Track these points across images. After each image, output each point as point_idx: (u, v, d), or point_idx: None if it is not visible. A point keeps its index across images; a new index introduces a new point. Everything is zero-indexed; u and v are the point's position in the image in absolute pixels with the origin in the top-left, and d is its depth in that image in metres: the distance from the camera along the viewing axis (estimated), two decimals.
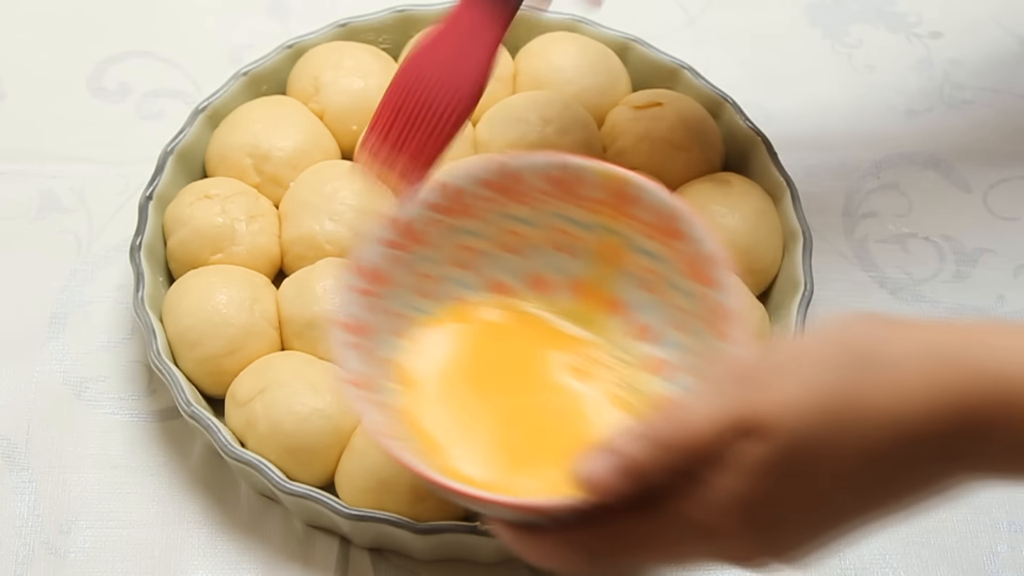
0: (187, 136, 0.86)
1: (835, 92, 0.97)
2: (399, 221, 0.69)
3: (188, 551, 0.77)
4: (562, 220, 0.72)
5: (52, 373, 0.83)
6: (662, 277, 0.70)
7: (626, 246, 0.71)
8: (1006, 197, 0.92)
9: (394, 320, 0.69)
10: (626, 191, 0.70)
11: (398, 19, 0.93)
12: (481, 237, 0.72)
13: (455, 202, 0.71)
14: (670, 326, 0.70)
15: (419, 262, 0.70)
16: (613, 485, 0.57)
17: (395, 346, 0.69)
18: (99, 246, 0.88)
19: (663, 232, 0.69)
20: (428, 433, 0.68)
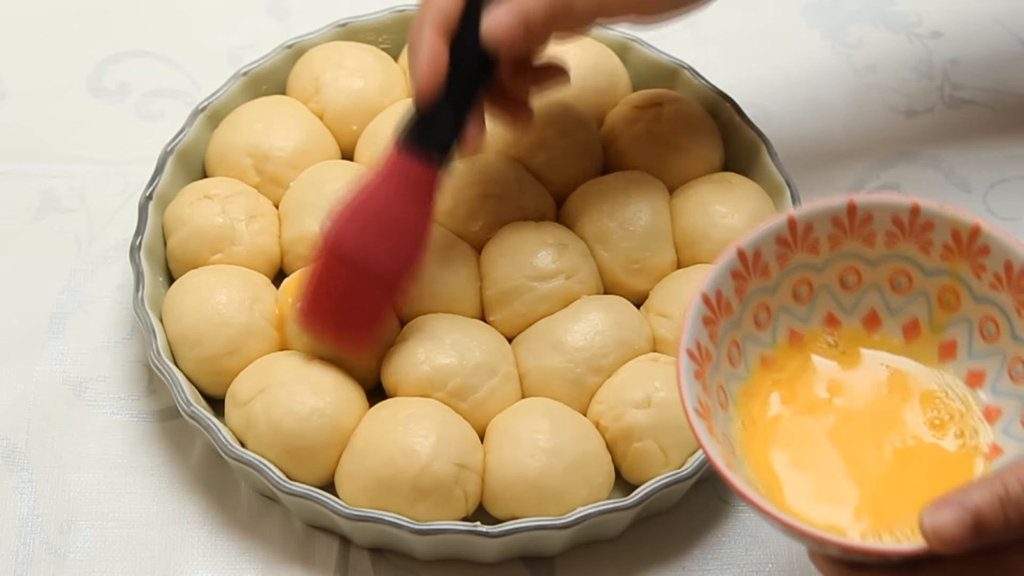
0: (187, 136, 0.86)
1: (835, 92, 0.97)
2: (746, 251, 0.68)
3: (188, 551, 0.77)
4: (904, 261, 0.70)
5: (52, 373, 0.83)
6: (1003, 328, 0.69)
7: (968, 294, 0.70)
8: (1006, 197, 0.92)
9: (730, 348, 0.69)
10: (976, 240, 0.68)
11: (398, 19, 0.93)
12: (820, 272, 0.71)
13: (804, 238, 0.69)
14: (1007, 375, 0.68)
15: (758, 292, 0.69)
16: (960, 539, 0.56)
17: (730, 374, 0.68)
18: (99, 246, 0.88)
19: (1012, 285, 0.68)
20: (766, 465, 0.67)
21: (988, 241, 0.68)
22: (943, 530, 0.56)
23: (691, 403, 0.64)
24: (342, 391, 0.77)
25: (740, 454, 0.66)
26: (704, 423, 0.64)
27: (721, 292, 0.67)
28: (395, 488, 0.74)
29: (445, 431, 0.75)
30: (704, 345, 0.66)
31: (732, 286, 0.68)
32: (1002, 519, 0.56)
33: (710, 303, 0.67)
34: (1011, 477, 0.57)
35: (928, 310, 0.71)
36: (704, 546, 0.78)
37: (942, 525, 0.57)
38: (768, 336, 0.70)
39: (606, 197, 0.84)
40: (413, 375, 0.78)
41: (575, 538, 0.75)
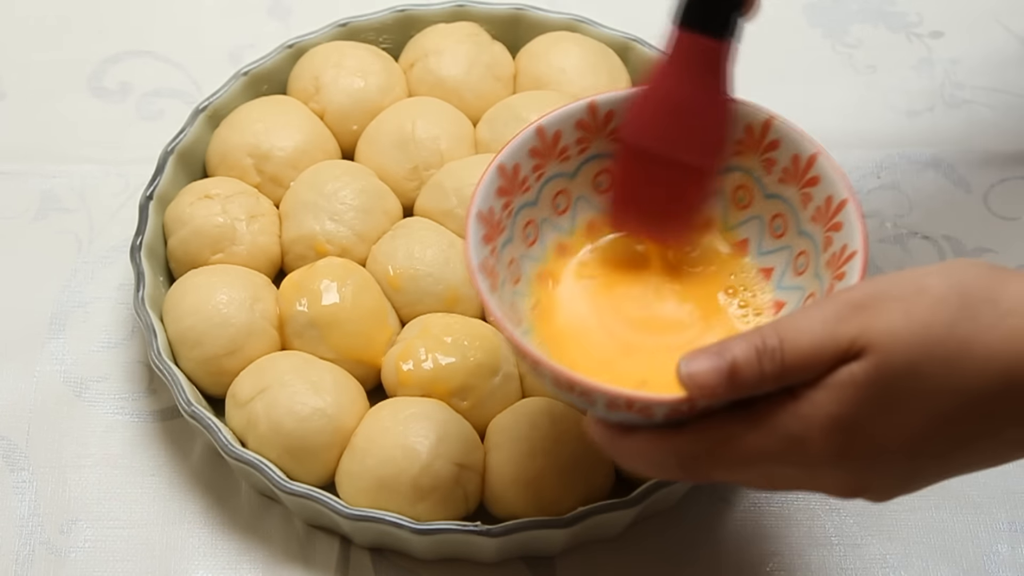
0: (187, 136, 0.86)
1: (835, 92, 0.97)
2: (506, 168, 0.68)
3: (188, 551, 0.77)
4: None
5: (52, 373, 0.83)
6: (791, 223, 0.70)
7: (759, 190, 0.71)
8: (1006, 197, 0.92)
9: (526, 228, 0.69)
10: (767, 133, 0.69)
11: (398, 19, 0.93)
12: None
13: (604, 125, 0.69)
14: (791, 271, 0.70)
15: (556, 177, 0.69)
16: (714, 385, 0.57)
17: (524, 253, 0.69)
18: (99, 246, 0.88)
19: (797, 177, 0.69)
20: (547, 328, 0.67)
21: (778, 135, 0.69)
22: (699, 376, 0.57)
23: (476, 260, 0.64)
24: (342, 391, 0.77)
25: (527, 326, 0.67)
26: (488, 281, 0.64)
27: (519, 166, 0.68)
28: (395, 488, 0.74)
29: (445, 431, 0.75)
30: (497, 215, 0.67)
31: (530, 164, 0.68)
32: (757, 368, 0.57)
33: (505, 173, 0.67)
34: (769, 330, 0.58)
35: (723, 208, 0.71)
36: (704, 546, 0.78)
37: (698, 371, 0.57)
38: (567, 222, 0.70)
39: None
40: (413, 375, 0.78)
41: (575, 537, 0.75)
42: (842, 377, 0.56)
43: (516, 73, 0.92)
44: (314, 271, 0.81)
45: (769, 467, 0.58)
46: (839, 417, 0.56)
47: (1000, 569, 0.77)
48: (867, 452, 0.57)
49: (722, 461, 0.59)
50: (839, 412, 0.56)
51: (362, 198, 0.84)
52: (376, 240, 0.83)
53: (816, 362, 0.57)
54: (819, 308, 0.58)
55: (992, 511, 0.79)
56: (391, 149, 0.86)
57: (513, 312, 0.67)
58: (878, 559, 0.77)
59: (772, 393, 0.58)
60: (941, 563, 0.77)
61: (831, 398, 0.56)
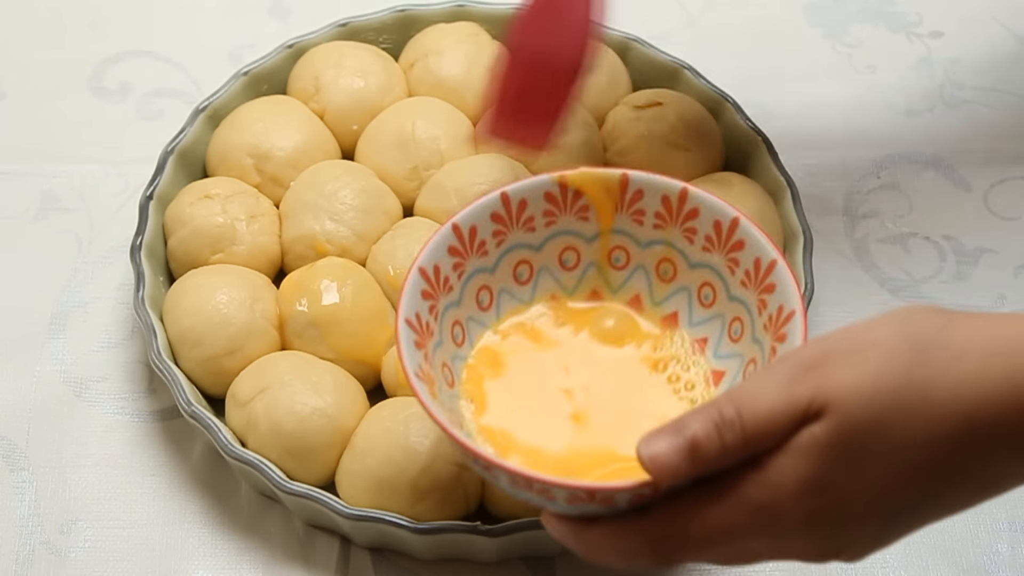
0: (187, 136, 0.86)
1: (835, 92, 0.97)
2: (427, 270, 0.68)
3: (188, 551, 0.77)
4: (618, 236, 0.71)
5: (52, 373, 0.83)
6: (720, 291, 0.70)
7: (683, 262, 0.71)
8: (1006, 197, 0.92)
9: (453, 328, 0.69)
10: (685, 203, 0.69)
11: (398, 19, 0.93)
12: (539, 251, 0.71)
13: (518, 214, 0.70)
14: (727, 339, 0.69)
15: (477, 273, 0.70)
16: (676, 465, 0.56)
17: (455, 354, 0.69)
18: (99, 246, 0.88)
19: (722, 244, 0.69)
20: (490, 429, 0.67)
21: (697, 203, 0.69)
22: (660, 457, 0.56)
23: (412, 368, 0.64)
24: (342, 391, 0.77)
25: (469, 430, 0.67)
26: (426, 387, 0.64)
27: (439, 267, 0.68)
28: (395, 488, 0.74)
29: None
30: (424, 319, 0.67)
31: (450, 262, 0.68)
32: (718, 443, 0.56)
33: (427, 277, 0.67)
34: (725, 401, 0.57)
35: (648, 283, 0.71)
36: None
37: (659, 452, 0.56)
38: (491, 318, 0.70)
39: None
40: None
41: None
42: (804, 440, 0.55)
43: None
44: (314, 271, 0.81)
45: (741, 541, 0.57)
46: (806, 480, 0.55)
47: (1000, 569, 0.77)
48: (838, 513, 0.56)
49: (692, 541, 0.58)
50: (806, 475, 0.55)
51: (362, 198, 0.84)
52: (376, 240, 0.83)
53: (776, 428, 0.56)
54: (771, 373, 0.57)
55: (992, 511, 0.79)
56: (391, 149, 0.86)
57: (453, 415, 0.66)
58: (878, 559, 0.77)
59: (735, 467, 0.57)
60: (941, 563, 0.77)
61: (796, 463, 0.55)
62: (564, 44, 0.73)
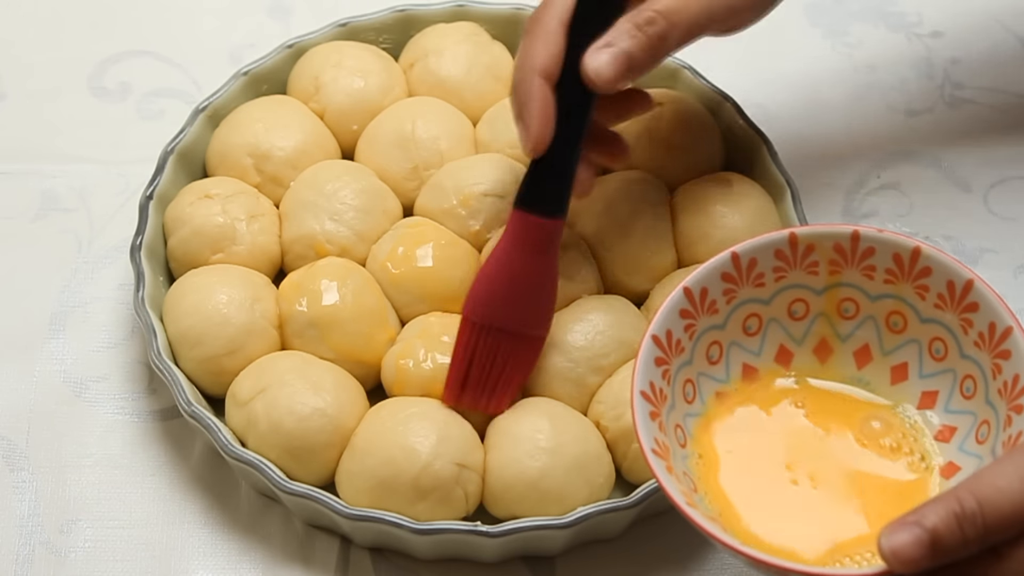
0: (187, 136, 0.86)
1: (835, 92, 0.97)
2: (692, 289, 0.68)
3: (188, 551, 0.77)
4: (850, 288, 0.71)
5: (52, 373, 0.83)
6: (952, 347, 0.69)
7: (914, 315, 0.70)
8: (1006, 197, 0.92)
9: (684, 387, 0.69)
10: (916, 262, 0.69)
11: (398, 19, 0.93)
12: (768, 304, 0.71)
13: (748, 271, 0.70)
14: (959, 394, 0.69)
15: (709, 330, 0.70)
16: (918, 558, 0.57)
17: (686, 412, 0.69)
18: (99, 246, 0.88)
19: (955, 304, 0.68)
20: (723, 497, 0.67)
21: (929, 263, 0.69)
22: (902, 551, 0.57)
23: (648, 444, 0.64)
24: (342, 391, 0.77)
25: (701, 490, 0.67)
26: (663, 463, 0.64)
27: (671, 332, 0.68)
28: (395, 488, 0.74)
29: (445, 431, 0.75)
30: (658, 385, 0.67)
31: (681, 324, 0.69)
32: (959, 535, 0.57)
33: (660, 343, 0.68)
34: (965, 493, 0.57)
35: (877, 334, 0.71)
36: (704, 546, 0.78)
37: (900, 546, 0.57)
38: (722, 372, 0.71)
39: (606, 197, 0.84)
40: (413, 375, 0.78)
41: (575, 538, 0.75)
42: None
43: None
44: (314, 271, 0.81)
45: None
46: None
47: None
48: None
49: None
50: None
51: (362, 198, 0.84)
52: (376, 240, 0.83)
53: (1018, 521, 0.56)
54: (1012, 462, 0.58)
55: None
56: (391, 149, 0.86)
57: (686, 479, 0.66)
58: None
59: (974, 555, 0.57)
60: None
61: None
62: (528, 314, 0.77)
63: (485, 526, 0.73)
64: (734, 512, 0.67)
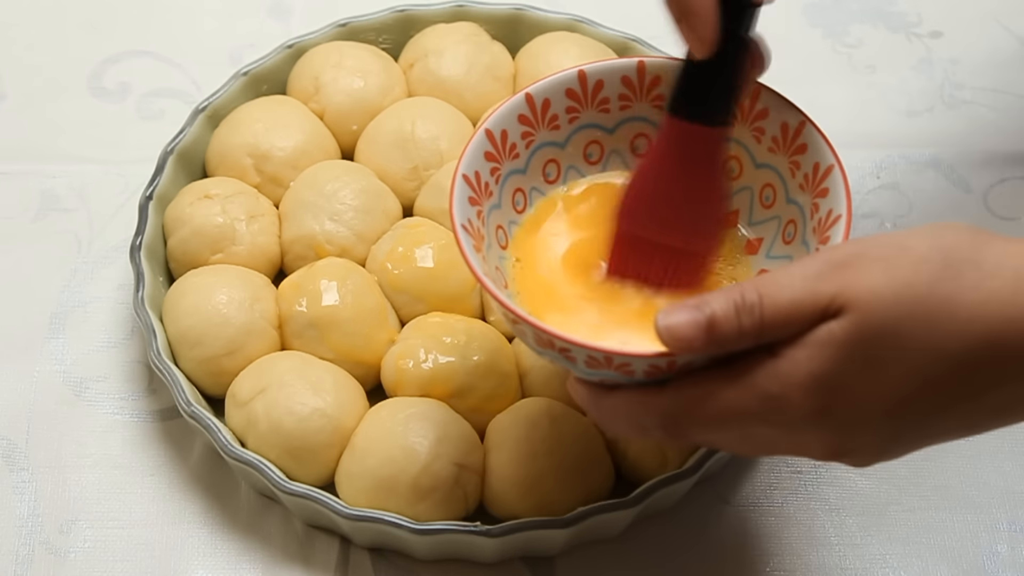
0: (187, 136, 0.86)
1: (835, 92, 0.97)
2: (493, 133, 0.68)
3: (188, 551, 0.77)
4: None
5: (52, 373, 0.83)
6: (779, 192, 0.70)
7: (749, 160, 0.71)
8: (1006, 197, 0.92)
9: (515, 194, 0.69)
10: (756, 103, 0.69)
11: (398, 19, 0.93)
12: (611, 134, 0.71)
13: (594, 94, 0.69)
14: (780, 240, 0.70)
15: (547, 146, 0.69)
16: (692, 338, 0.57)
17: (512, 220, 0.68)
18: (99, 246, 0.88)
19: (787, 146, 0.69)
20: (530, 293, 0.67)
21: (767, 103, 0.69)
22: (676, 328, 0.57)
23: (460, 219, 0.64)
24: (342, 391, 0.77)
25: (513, 289, 0.67)
26: (471, 240, 0.64)
27: (507, 132, 0.68)
28: (395, 488, 0.74)
29: (445, 431, 0.75)
30: (484, 179, 0.67)
31: (519, 130, 0.68)
32: (735, 323, 0.57)
33: (493, 139, 0.67)
34: (749, 286, 0.57)
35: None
36: (704, 546, 0.78)
37: (676, 324, 0.57)
38: (557, 189, 0.70)
39: None
40: (413, 375, 0.78)
41: (575, 538, 0.75)
42: (821, 335, 0.56)
43: (516, 73, 0.92)
44: (314, 271, 0.81)
45: (748, 427, 0.58)
46: (819, 375, 0.56)
47: (1000, 569, 0.77)
48: (847, 412, 0.57)
49: (700, 419, 0.59)
50: (819, 370, 0.56)
51: (362, 198, 0.84)
52: (376, 240, 0.83)
53: (795, 319, 0.56)
54: (800, 266, 0.58)
55: (992, 511, 0.79)
56: (391, 149, 0.86)
57: (499, 275, 0.67)
58: (878, 559, 0.77)
59: (752, 351, 0.58)
60: (941, 563, 0.77)
61: (810, 355, 0.56)
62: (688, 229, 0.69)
63: (485, 526, 0.73)
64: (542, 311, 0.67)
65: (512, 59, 0.92)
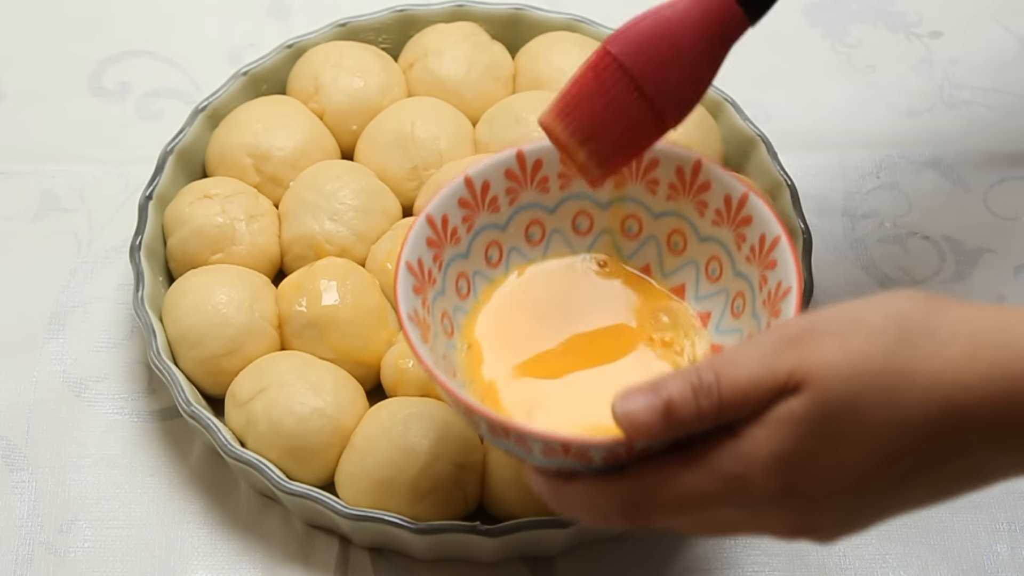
0: (187, 136, 0.86)
1: (835, 92, 0.97)
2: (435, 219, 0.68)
3: (188, 551, 0.77)
4: (633, 203, 0.71)
5: (52, 373, 0.83)
6: (726, 266, 0.70)
7: (693, 234, 0.70)
8: (1006, 197, 0.92)
9: (458, 280, 0.68)
10: (698, 175, 0.69)
11: (398, 19, 0.93)
12: (553, 213, 0.70)
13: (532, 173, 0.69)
14: (729, 314, 0.69)
15: (488, 228, 0.69)
16: (650, 424, 0.56)
17: (457, 306, 0.68)
18: (99, 246, 0.88)
19: (731, 219, 0.69)
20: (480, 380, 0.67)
21: (709, 176, 0.69)
22: (634, 414, 0.56)
23: (406, 310, 0.64)
24: (342, 391, 0.77)
25: (463, 378, 0.67)
26: (418, 331, 0.64)
27: (447, 217, 0.67)
28: (395, 488, 0.74)
29: (445, 431, 0.75)
30: (427, 266, 0.66)
31: (459, 215, 0.68)
32: (693, 406, 0.56)
33: (434, 225, 0.67)
34: (705, 365, 0.57)
35: (659, 254, 0.71)
36: (704, 546, 0.78)
37: (633, 410, 0.56)
38: (500, 273, 0.70)
39: None
40: (413, 375, 0.78)
41: (575, 538, 0.75)
42: (781, 412, 0.55)
43: (515, 73, 0.92)
44: (314, 271, 0.81)
45: (710, 509, 0.57)
46: (780, 454, 0.55)
47: (1000, 569, 0.77)
48: (810, 490, 0.56)
49: (662, 505, 0.57)
50: (780, 448, 0.55)
51: (361, 198, 0.84)
52: (376, 240, 0.83)
53: (754, 398, 0.56)
54: (755, 343, 0.57)
55: (992, 511, 0.79)
56: (390, 149, 0.86)
57: (447, 364, 0.66)
58: (878, 559, 0.77)
59: (710, 432, 0.57)
60: (941, 563, 0.77)
61: (771, 434, 0.55)
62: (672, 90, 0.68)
63: (484, 526, 0.73)
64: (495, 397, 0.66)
65: (512, 59, 0.92)
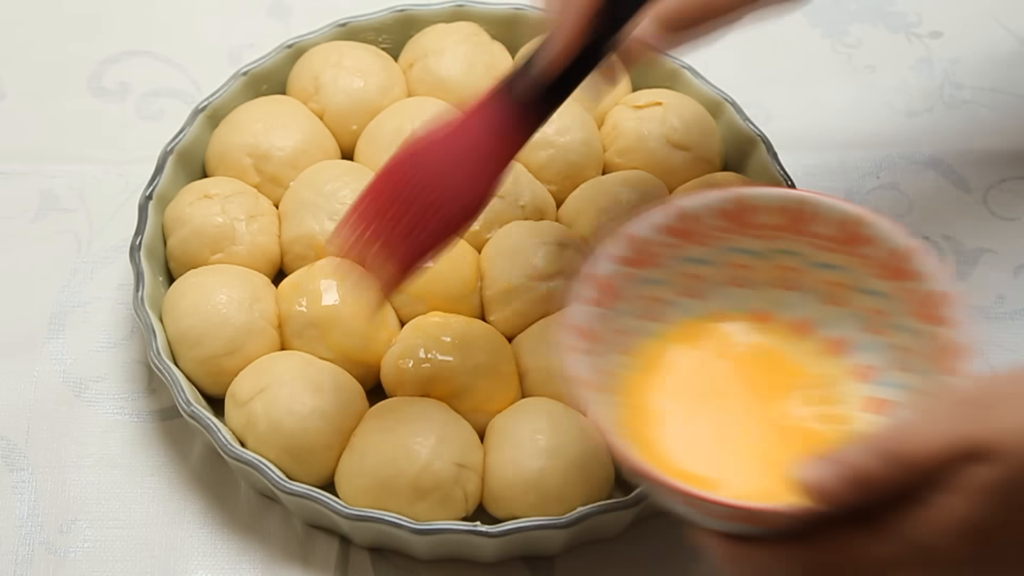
0: (187, 136, 0.86)
1: (835, 92, 0.97)
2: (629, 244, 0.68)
3: (188, 551, 0.77)
4: (787, 256, 0.70)
5: (52, 373, 0.83)
6: (888, 317, 0.69)
7: (854, 286, 0.70)
8: (1006, 197, 0.92)
9: (620, 337, 0.68)
10: (859, 231, 0.68)
11: (398, 19, 0.93)
12: (711, 265, 0.70)
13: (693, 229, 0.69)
14: (895, 368, 0.68)
15: (646, 284, 0.69)
16: (838, 492, 0.56)
17: (619, 363, 0.68)
18: (99, 246, 0.88)
19: (893, 271, 0.68)
20: (651, 443, 0.66)
21: (870, 230, 0.68)
22: (820, 482, 0.56)
23: (581, 376, 0.64)
24: (342, 391, 0.77)
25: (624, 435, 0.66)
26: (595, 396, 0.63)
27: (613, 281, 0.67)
28: (395, 488, 0.74)
29: (445, 431, 0.75)
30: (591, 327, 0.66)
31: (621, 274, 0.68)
32: (878, 469, 0.56)
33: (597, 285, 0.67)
34: (887, 433, 0.57)
35: (817, 307, 0.70)
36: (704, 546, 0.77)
37: (818, 478, 0.56)
38: (658, 327, 0.70)
39: (606, 197, 0.84)
40: (413, 375, 0.78)
41: (575, 538, 0.75)
42: (971, 481, 0.55)
43: None
44: (314, 271, 0.81)
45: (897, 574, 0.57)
46: (972, 521, 0.55)
47: None
48: (997, 554, 0.56)
49: (847, 571, 0.57)
50: (971, 516, 0.55)
51: None
52: None
53: (938, 465, 0.56)
54: (934, 407, 0.57)
55: None
56: (390, 149, 0.86)
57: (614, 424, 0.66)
58: None
59: (892, 500, 0.57)
60: None
61: (961, 503, 0.55)
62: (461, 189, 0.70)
63: (484, 526, 0.73)
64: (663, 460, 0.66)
65: (512, 59, 0.92)
